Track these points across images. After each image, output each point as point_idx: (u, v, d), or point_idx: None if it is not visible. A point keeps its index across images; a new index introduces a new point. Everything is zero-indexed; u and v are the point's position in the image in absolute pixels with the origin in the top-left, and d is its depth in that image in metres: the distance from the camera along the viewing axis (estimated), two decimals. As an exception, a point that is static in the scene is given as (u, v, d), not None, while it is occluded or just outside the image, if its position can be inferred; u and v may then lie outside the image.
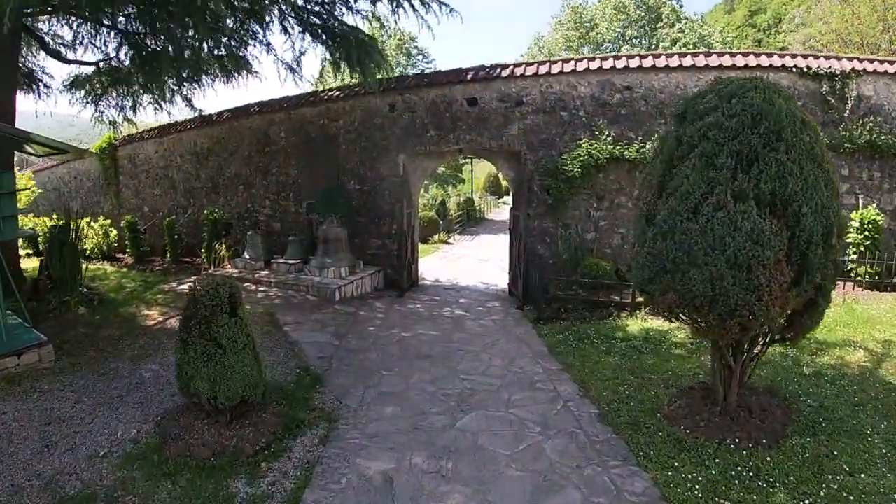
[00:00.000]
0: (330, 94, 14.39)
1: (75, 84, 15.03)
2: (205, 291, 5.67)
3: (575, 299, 10.86)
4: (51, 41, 13.86)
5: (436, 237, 23.25)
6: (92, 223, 18.39)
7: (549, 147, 12.07)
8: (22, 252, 17.14)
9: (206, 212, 15.74)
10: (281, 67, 13.51)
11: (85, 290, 11.44)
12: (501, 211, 44.38)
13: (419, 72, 35.28)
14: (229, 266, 14.63)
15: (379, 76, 12.86)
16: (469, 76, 12.58)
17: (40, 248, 19.54)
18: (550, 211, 12.15)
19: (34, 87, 15.34)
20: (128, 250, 17.39)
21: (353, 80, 14.04)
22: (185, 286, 12.79)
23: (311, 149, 14.65)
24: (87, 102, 15.34)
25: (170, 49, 12.17)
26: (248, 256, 14.36)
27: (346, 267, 13.04)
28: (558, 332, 9.64)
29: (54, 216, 21.08)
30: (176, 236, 16.60)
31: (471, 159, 37.48)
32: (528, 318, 10.86)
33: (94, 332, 9.30)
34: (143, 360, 8.06)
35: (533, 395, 7.04)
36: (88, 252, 17.82)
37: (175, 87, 15.02)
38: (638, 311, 10.16)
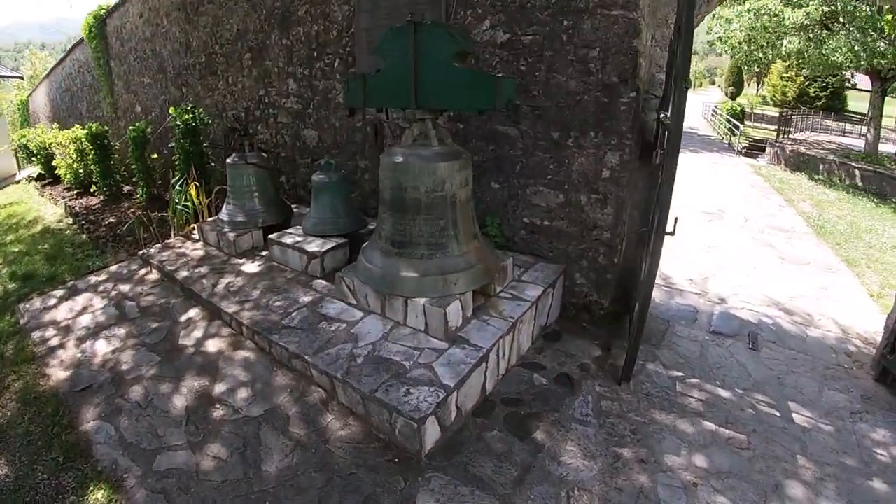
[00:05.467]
0: None
1: None
2: None
3: None
4: None
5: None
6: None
7: None
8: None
9: (172, 111, 6.81)
10: None
11: None
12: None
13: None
14: (194, 235, 5.78)
15: None
16: None
17: None
18: None
19: None
20: (94, 181, 9.05)
21: None
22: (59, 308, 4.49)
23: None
24: None
25: None
26: (225, 215, 5.39)
27: (465, 283, 3.76)
28: None
29: (54, 126, 13.46)
30: (154, 156, 8.10)
31: None
32: None
33: None
34: None
35: None
36: (65, 182, 10.22)
37: None
38: None
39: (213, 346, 3.95)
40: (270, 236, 4.93)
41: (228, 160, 5.37)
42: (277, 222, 5.45)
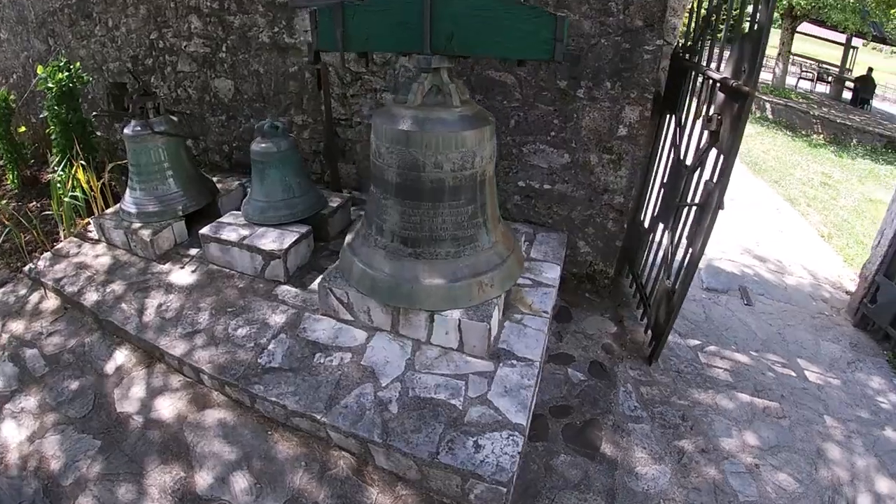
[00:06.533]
0: None
1: None
2: None
3: None
4: None
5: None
6: None
7: None
8: None
9: (40, 71, 5.14)
10: None
11: None
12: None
13: None
14: (91, 233, 4.38)
15: None
16: None
17: None
18: None
19: None
20: None
21: None
22: None
23: None
24: None
25: None
26: (131, 205, 4.05)
27: (500, 283, 2.93)
28: None
29: None
30: (22, 129, 6.40)
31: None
32: None
33: None
34: None
35: None
36: None
37: None
38: None
39: (167, 408, 2.86)
40: (202, 231, 3.70)
41: (127, 130, 3.98)
42: (202, 206, 4.21)
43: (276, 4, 4.34)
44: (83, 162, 4.70)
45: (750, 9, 2.61)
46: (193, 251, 3.93)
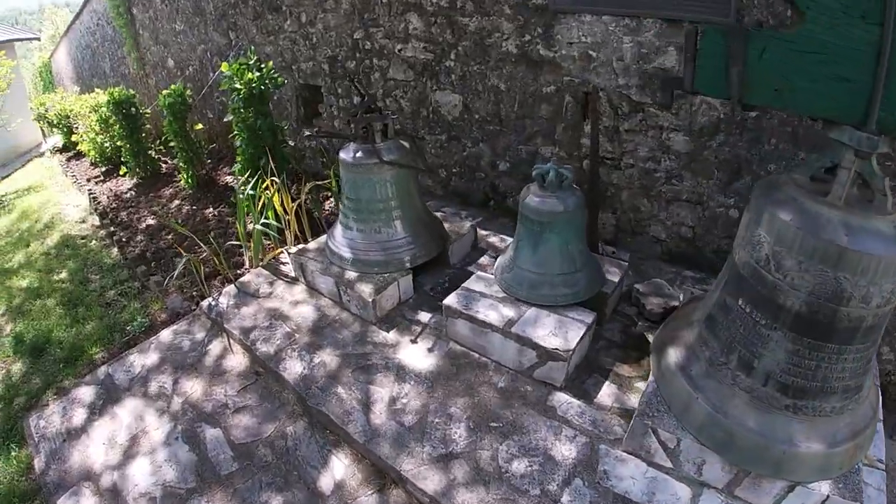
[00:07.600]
0: None
1: None
2: None
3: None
4: None
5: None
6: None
7: None
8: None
9: (225, 68, 4.55)
10: None
11: None
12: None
13: None
14: (285, 265, 3.60)
15: None
16: None
17: None
18: None
19: None
20: (123, 160, 6.81)
21: None
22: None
23: None
24: None
25: None
26: (345, 248, 3.22)
27: (869, 441, 1.84)
28: None
29: (75, 88, 11.49)
30: (198, 126, 6.06)
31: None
32: None
33: None
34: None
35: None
36: (91, 159, 8.03)
37: None
38: None
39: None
40: (447, 302, 2.75)
41: (345, 156, 3.18)
42: (432, 257, 3.33)
43: (530, 7, 3.41)
44: (275, 178, 4.00)
45: None
46: (422, 316, 3.05)
